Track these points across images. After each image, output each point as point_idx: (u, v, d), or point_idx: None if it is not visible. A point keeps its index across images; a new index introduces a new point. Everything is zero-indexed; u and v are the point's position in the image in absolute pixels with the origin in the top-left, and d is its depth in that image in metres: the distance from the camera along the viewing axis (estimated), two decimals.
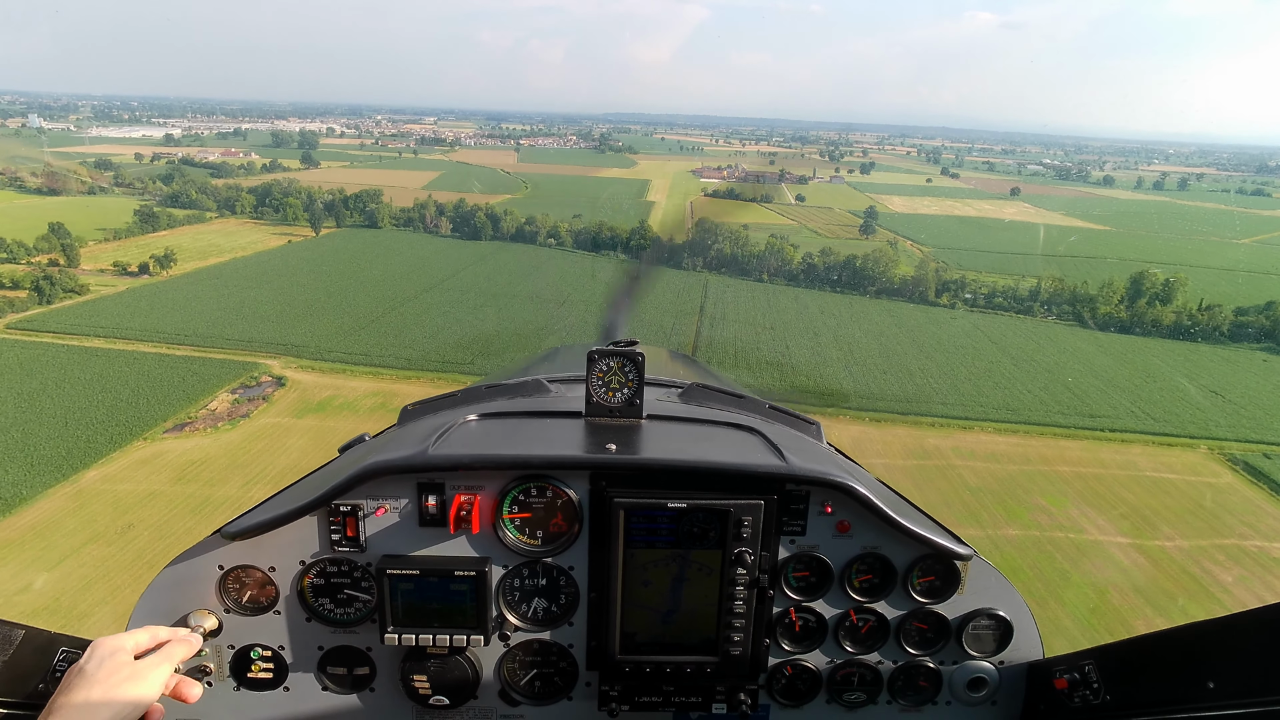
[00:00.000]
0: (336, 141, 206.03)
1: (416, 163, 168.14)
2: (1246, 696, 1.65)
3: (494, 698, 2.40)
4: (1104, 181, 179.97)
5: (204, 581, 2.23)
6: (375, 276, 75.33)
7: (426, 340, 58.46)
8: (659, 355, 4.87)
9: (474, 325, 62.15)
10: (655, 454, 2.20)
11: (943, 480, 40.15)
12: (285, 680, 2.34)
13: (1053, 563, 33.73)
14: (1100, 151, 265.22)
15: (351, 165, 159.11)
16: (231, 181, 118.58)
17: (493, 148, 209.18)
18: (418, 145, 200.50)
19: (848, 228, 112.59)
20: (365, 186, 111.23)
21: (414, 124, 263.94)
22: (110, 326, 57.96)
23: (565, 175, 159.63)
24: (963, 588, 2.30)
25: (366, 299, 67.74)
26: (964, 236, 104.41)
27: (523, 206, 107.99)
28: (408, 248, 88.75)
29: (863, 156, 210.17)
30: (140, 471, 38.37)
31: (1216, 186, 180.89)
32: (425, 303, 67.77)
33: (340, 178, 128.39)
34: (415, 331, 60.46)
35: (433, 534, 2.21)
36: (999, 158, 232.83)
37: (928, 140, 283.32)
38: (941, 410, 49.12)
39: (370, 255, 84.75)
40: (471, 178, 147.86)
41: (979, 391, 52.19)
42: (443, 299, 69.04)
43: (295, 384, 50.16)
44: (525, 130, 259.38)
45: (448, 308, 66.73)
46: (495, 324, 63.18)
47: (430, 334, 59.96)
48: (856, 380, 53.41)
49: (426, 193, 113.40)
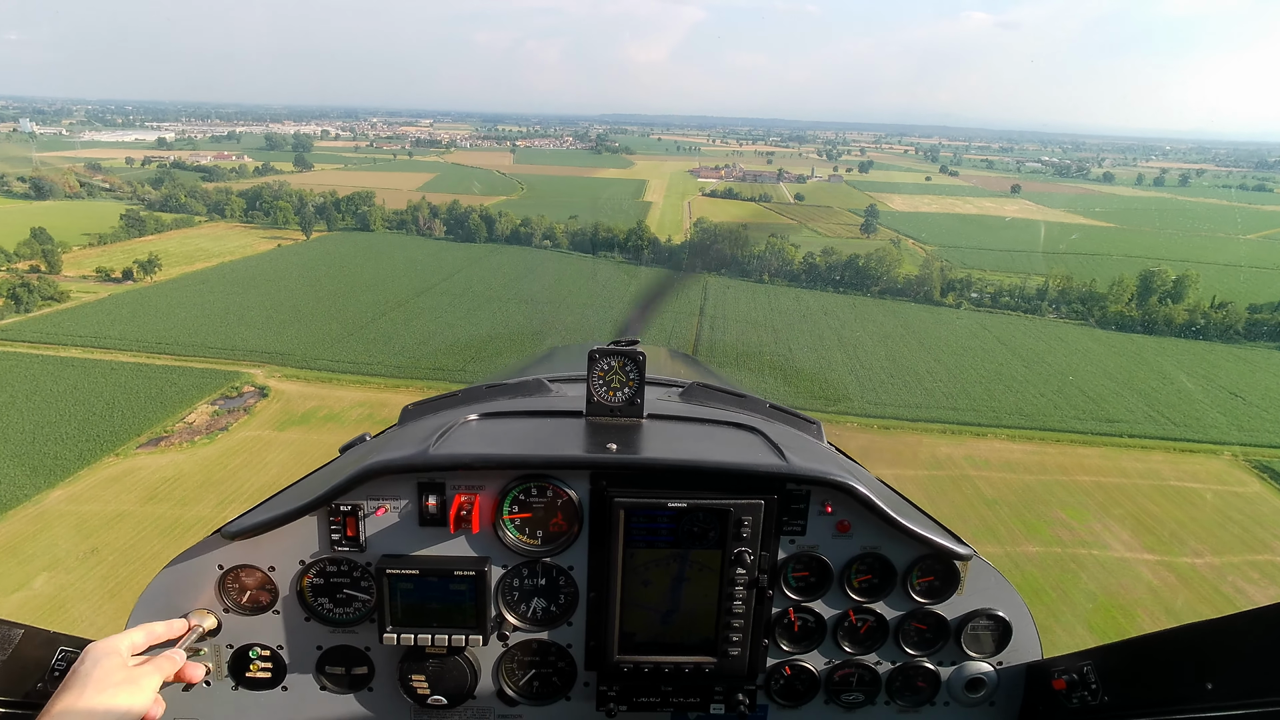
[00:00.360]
0: (331, 144, 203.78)
1: (411, 165, 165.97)
2: (1246, 696, 1.64)
3: (492, 698, 2.36)
4: (1104, 178, 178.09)
5: (203, 581, 2.21)
6: (365, 280, 73.02)
7: (417, 346, 56.17)
8: (659, 355, 4.71)
9: (466, 330, 59.85)
10: (656, 453, 2.18)
11: (956, 492, 37.93)
12: (283, 680, 2.31)
13: (1077, 583, 31.50)
14: (1098, 149, 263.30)
15: (346, 168, 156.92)
16: (222, 185, 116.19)
17: (489, 149, 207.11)
18: (413, 147, 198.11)
19: (848, 226, 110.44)
20: (358, 189, 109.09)
21: (409, 126, 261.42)
22: (89, 335, 55.55)
23: (561, 176, 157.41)
24: (962, 588, 2.27)
25: (356, 304, 65.42)
26: (966, 234, 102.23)
27: (518, 208, 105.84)
28: (400, 251, 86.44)
29: (860, 155, 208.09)
30: (109, 491, 36.03)
31: (1216, 182, 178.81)
32: (416, 307, 65.48)
33: (334, 180, 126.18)
34: (405, 338, 58.16)
35: (433, 534, 2.19)
36: (997, 155, 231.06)
37: (925, 139, 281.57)
38: (953, 416, 46.88)
39: (361, 259, 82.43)
40: (467, 179, 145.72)
41: (990, 396, 49.97)
42: (434, 303, 66.74)
43: (278, 394, 47.83)
44: (521, 132, 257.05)
45: (439, 312, 64.42)
46: (488, 328, 60.89)
47: (421, 340, 57.66)
48: (863, 385, 51.16)
49: (421, 195, 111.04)
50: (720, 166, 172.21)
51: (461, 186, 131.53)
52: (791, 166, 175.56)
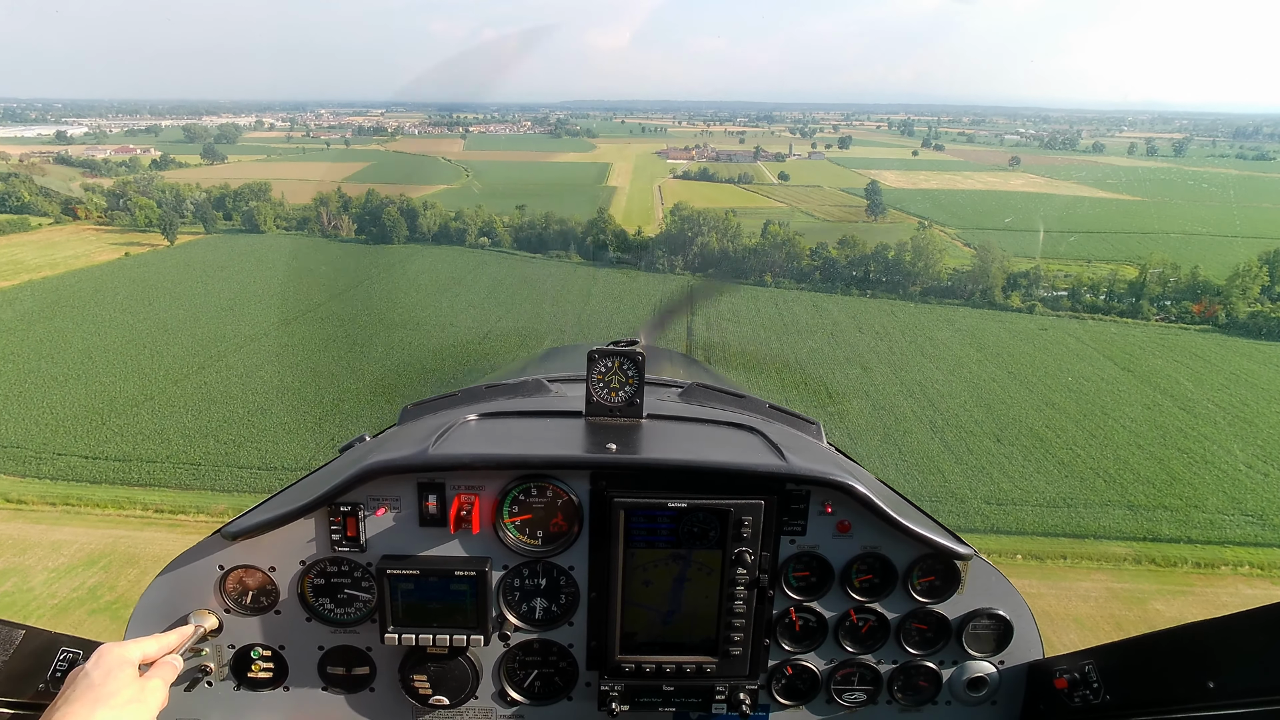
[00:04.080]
0: (264, 134, 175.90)
1: (347, 154, 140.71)
2: (1246, 696, 1.60)
3: (493, 698, 2.28)
4: (1094, 149, 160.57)
5: (204, 581, 2.14)
6: (217, 304, 49.73)
7: (246, 420, 33.68)
8: (659, 355, 4.37)
9: (337, 384, 37.45)
10: (655, 454, 2.11)
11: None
12: (285, 680, 2.24)
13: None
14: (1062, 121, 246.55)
15: (268, 159, 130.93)
16: (94, 182, 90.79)
17: (439, 136, 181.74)
18: (354, 136, 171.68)
19: (848, 208, 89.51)
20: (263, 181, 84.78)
21: (358, 116, 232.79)
22: None
23: (515, 161, 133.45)
24: (963, 587, 2.19)
25: (181, 344, 42.41)
26: (987, 213, 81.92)
27: (459, 198, 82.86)
28: (290, 258, 63.21)
29: (834, 132, 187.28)
30: None
31: (1202, 152, 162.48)
32: (266, 347, 42.62)
33: (245, 173, 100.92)
34: (236, 401, 35.56)
35: (433, 534, 2.11)
36: (971, 129, 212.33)
37: (893, 115, 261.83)
38: (1130, 528, 26.32)
39: (230, 271, 58.80)
40: (405, 168, 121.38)
41: (1168, 476, 29.51)
42: (300, 338, 44.00)
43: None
44: (477, 118, 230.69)
45: (303, 353, 41.71)
46: (376, 373, 38.58)
47: (254, 409, 34.98)
48: (962, 463, 30.33)
49: (336, 186, 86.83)
50: (691, 147, 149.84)
51: (397, 176, 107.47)
52: (766, 145, 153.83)
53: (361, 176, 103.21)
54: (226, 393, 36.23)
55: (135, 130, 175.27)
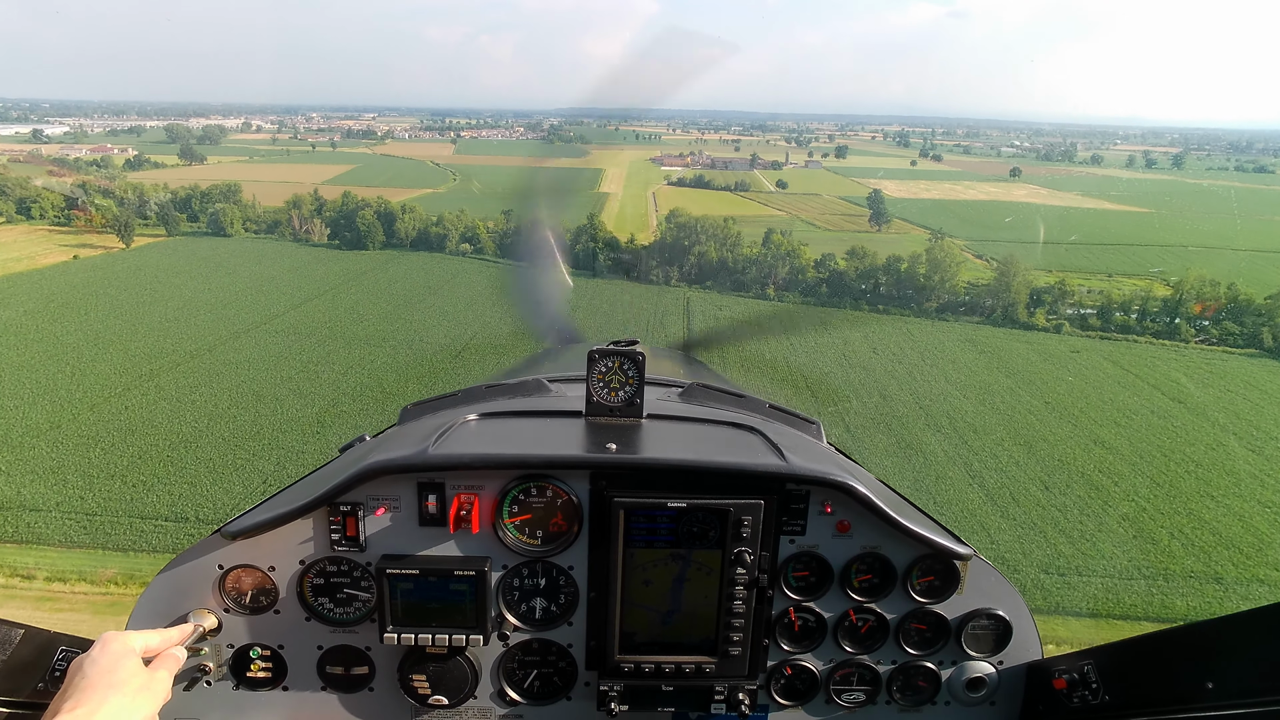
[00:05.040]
0: (250, 136, 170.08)
1: (334, 157, 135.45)
2: (1246, 696, 1.59)
3: (493, 698, 2.26)
4: (1092, 161, 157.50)
5: (203, 581, 2.11)
6: (165, 313, 44.20)
7: (165, 456, 28.20)
8: (659, 355, 4.39)
9: (274, 410, 32.10)
10: (655, 454, 2.09)
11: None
12: (284, 680, 2.22)
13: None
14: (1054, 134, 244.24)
15: (250, 160, 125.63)
16: (57, 180, 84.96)
17: (430, 140, 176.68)
18: (343, 139, 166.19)
19: (850, 217, 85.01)
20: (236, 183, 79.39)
21: (349, 120, 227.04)
22: None
23: (506, 167, 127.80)
24: (962, 588, 2.17)
25: (112, 360, 36.89)
26: (997, 225, 77.51)
27: (444, 203, 77.84)
28: (254, 264, 57.67)
29: (829, 141, 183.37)
30: None
31: (1200, 165, 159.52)
32: (215, 361, 37.26)
33: (224, 174, 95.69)
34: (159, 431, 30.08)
35: (432, 534, 2.09)
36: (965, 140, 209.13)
37: (887, 126, 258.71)
38: (1225, 609, 21.42)
39: (189, 276, 53.34)
40: (391, 171, 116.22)
41: (1255, 539, 24.54)
42: (256, 351, 38.57)
43: None
44: (470, 124, 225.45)
45: (257, 367, 36.33)
46: (327, 398, 33.33)
47: (181, 435, 29.59)
48: (1015, 525, 25.31)
49: (313, 188, 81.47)
50: (685, 154, 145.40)
51: (382, 179, 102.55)
52: (764, 153, 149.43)
53: (343, 179, 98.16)
54: (149, 420, 30.82)
55: (118, 130, 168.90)
